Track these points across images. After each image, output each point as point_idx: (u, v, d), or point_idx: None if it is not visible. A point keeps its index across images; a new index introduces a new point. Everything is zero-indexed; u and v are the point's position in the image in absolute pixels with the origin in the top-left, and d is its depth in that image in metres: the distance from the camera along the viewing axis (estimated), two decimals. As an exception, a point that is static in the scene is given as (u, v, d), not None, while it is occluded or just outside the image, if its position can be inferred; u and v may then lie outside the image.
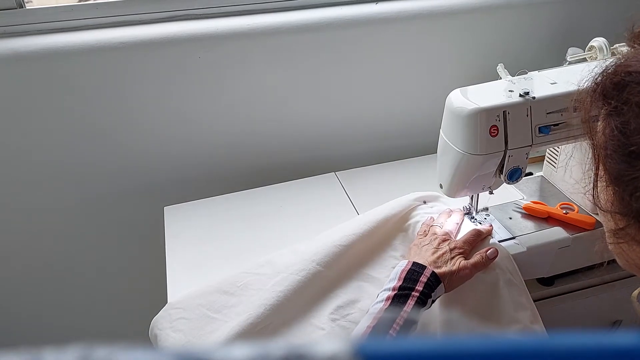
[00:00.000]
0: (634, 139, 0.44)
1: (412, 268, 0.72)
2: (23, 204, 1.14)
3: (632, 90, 0.45)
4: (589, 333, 0.18)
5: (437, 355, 0.17)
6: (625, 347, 0.17)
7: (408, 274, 0.71)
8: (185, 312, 0.83)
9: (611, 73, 0.48)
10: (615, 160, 0.46)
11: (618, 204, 0.48)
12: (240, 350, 0.17)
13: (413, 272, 0.71)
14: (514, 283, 0.78)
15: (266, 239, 0.98)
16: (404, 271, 0.71)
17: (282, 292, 0.80)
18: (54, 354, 0.17)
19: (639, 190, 0.44)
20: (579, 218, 0.87)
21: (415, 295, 0.68)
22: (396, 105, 1.23)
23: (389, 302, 0.68)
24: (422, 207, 0.92)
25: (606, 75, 0.49)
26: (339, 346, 0.17)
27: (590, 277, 0.88)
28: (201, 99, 1.10)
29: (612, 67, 0.49)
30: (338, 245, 0.85)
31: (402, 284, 0.70)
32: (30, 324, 1.32)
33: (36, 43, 0.98)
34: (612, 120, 0.47)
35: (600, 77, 0.50)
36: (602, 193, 0.50)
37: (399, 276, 0.71)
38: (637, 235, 0.47)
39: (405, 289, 0.69)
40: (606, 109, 0.48)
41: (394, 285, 0.70)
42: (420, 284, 0.69)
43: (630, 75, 0.46)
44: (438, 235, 0.79)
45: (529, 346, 0.17)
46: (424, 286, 0.69)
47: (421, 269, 0.71)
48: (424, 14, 1.12)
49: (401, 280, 0.70)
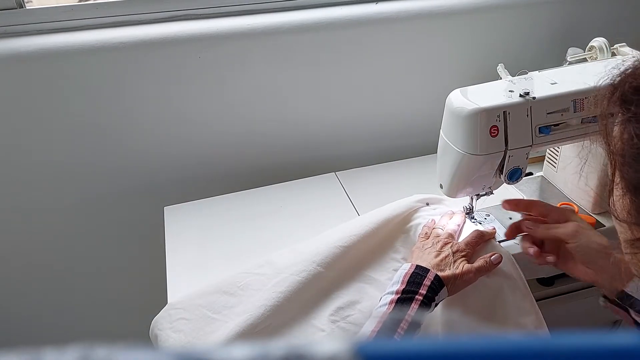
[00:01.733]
0: None
1: (416, 271, 0.71)
2: (23, 204, 1.14)
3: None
4: (589, 333, 0.18)
5: (437, 356, 0.17)
6: (625, 347, 0.17)
7: (411, 277, 0.70)
8: (186, 313, 0.82)
9: (631, 75, 0.46)
10: (634, 169, 0.44)
11: (636, 214, 0.45)
12: (240, 350, 0.17)
13: (416, 276, 0.70)
14: (517, 288, 0.78)
15: (266, 239, 0.98)
16: (407, 274, 0.71)
17: (282, 293, 0.80)
18: (54, 354, 0.17)
19: None
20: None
21: (419, 299, 0.67)
22: (396, 105, 1.23)
23: (393, 305, 0.67)
24: (425, 209, 0.91)
25: (625, 77, 0.46)
26: (339, 346, 0.17)
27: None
28: (201, 99, 1.10)
29: (630, 70, 0.46)
30: (339, 246, 0.84)
31: (406, 287, 0.69)
32: (30, 324, 1.32)
33: (36, 43, 0.98)
34: (631, 126, 0.44)
35: (619, 79, 0.47)
36: (619, 201, 0.48)
37: (402, 279, 0.70)
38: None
39: (409, 293, 0.68)
40: (625, 114, 0.45)
41: (398, 289, 0.69)
42: (424, 288, 0.68)
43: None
44: (441, 238, 0.79)
45: (529, 346, 0.17)
46: (427, 289, 0.68)
47: (424, 272, 0.70)
48: (424, 14, 1.12)
49: (404, 283, 0.69)
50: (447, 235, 0.79)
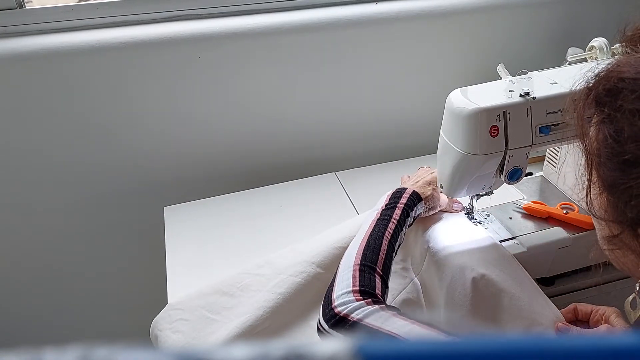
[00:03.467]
0: (628, 146, 0.43)
1: (397, 190, 0.81)
2: (23, 204, 1.14)
3: (625, 97, 0.44)
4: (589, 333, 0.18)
5: (437, 356, 0.17)
6: (625, 347, 0.17)
7: (393, 194, 0.80)
8: (185, 313, 0.82)
9: (604, 78, 0.47)
10: (609, 167, 0.46)
11: (612, 211, 0.47)
12: (240, 350, 0.17)
13: (397, 192, 0.81)
14: (525, 286, 0.77)
15: (266, 239, 0.98)
16: (389, 195, 0.81)
17: (281, 295, 0.80)
18: (54, 354, 0.17)
19: (633, 198, 0.43)
20: (579, 218, 0.87)
21: (400, 206, 0.77)
22: (396, 105, 1.23)
23: (379, 214, 0.76)
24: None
25: (599, 81, 0.48)
26: (339, 346, 0.17)
27: (590, 277, 0.87)
28: (201, 99, 1.10)
29: (604, 72, 0.47)
30: (338, 247, 0.84)
31: (389, 203, 0.78)
32: (30, 324, 1.32)
33: (36, 43, 0.98)
34: (605, 127, 0.46)
35: (593, 82, 0.48)
36: (596, 200, 0.49)
37: (386, 199, 0.80)
38: (631, 243, 0.46)
39: (392, 204, 0.78)
40: (599, 115, 0.47)
41: (382, 206, 0.78)
42: (404, 199, 0.79)
43: (624, 81, 0.45)
44: (418, 174, 0.89)
45: (529, 346, 0.17)
46: (407, 200, 0.79)
47: (404, 189, 0.81)
48: (423, 14, 1.12)
49: (387, 201, 0.79)
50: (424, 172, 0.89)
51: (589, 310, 0.74)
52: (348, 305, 0.62)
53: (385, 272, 0.68)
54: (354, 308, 0.61)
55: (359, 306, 0.61)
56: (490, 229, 0.87)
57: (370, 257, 0.68)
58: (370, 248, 0.69)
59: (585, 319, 0.75)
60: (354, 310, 0.61)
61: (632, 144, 0.43)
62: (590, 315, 0.74)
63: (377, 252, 0.69)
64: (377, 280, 0.66)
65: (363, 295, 0.63)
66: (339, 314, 0.62)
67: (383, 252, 0.69)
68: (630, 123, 0.43)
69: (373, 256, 0.68)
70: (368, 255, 0.68)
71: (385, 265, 0.69)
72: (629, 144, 0.43)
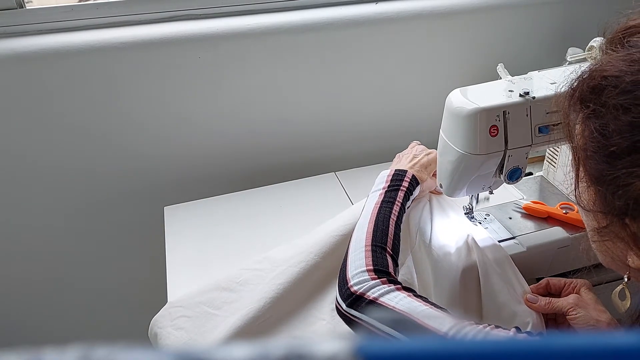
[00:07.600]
0: (614, 139, 0.45)
1: (396, 172, 0.83)
2: (23, 204, 1.14)
3: (609, 93, 0.46)
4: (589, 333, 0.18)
5: (437, 356, 0.17)
6: (625, 347, 0.17)
7: (394, 177, 0.82)
8: (186, 310, 0.83)
9: (587, 78, 0.50)
10: (596, 161, 0.48)
11: (600, 203, 0.49)
12: (240, 350, 0.17)
13: (397, 175, 0.83)
14: (513, 286, 0.77)
15: (266, 239, 0.99)
16: (390, 175, 0.83)
17: (281, 285, 0.80)
18: (54, 354, 0.17)
19: (620, 188, 0.45)
20: (579, 218, 0.86)
21: (403, 189, 0.80)
22: (396, 105, 1.23)
23: (382, 196, 0.78)
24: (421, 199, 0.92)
25: (582, 80, 0.50)
26: (339, 346, 0.17)
27: (590, 276, 0.87)
28: (201, 99, 1.10)
29: (587, 72, 0.50)
30: (335, 235, 0.85)
31: (390, 184, 0.81)
32: (30, 324, 1.32)
33: (36, 43, 0.98)
34: (591, 123, 0.48)
35: (577, 82, 0.51)
36: (584, 193, 0.52)
37: (386, 179, 0.82)
38: (620, 232, 0.48)
39: (394, 186, 0.81)
40: (584, 112, 0.50)
41: (384, 186, 0.81)
42: (405, 182, 0.81)
43: (607, 79, 0.47)
44: (412, 151, 0.92)
45: (529, 346, 0.17)
46: (408, 184, 0.81)
47: (403, 172, 0.83)
48: (423, 14, 1.12)
49: (389, 182, 0.81)
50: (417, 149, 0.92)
51: (561, 284, 0.77)
52: (364, 284, 0.64)
53: (395, 252, 0.70)
54: (369, 287, 0.63)
55: (375, 285, 0.63)
56: (490, 228, 0.87)
57: (380, 238, 0.70)
58: (379, 229, 0.72)
59: (557, 293, 0.78)
60: (370, 288, 0.63)
61: (617, 136, 0.45)
62: (562, 289, 0.77)
63: (385, 232, 0.72)
64: (389, 260, 0.68)
65: (378, 274, 0.65)
66: (355, 292, 0.64)
67: (391, 233, 0.72)
68: (615, 117, 0.45)
69: (383, 237, 0.71)
70: (378, 236, 0.71)
71: (395, 246, 0.71)
72: (614, 137, 0.45)
